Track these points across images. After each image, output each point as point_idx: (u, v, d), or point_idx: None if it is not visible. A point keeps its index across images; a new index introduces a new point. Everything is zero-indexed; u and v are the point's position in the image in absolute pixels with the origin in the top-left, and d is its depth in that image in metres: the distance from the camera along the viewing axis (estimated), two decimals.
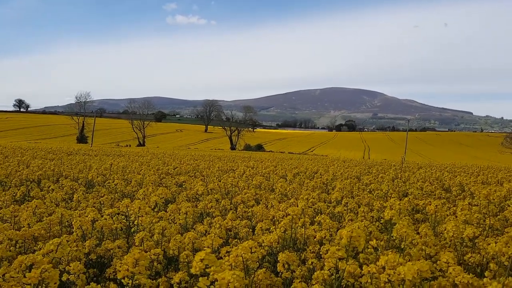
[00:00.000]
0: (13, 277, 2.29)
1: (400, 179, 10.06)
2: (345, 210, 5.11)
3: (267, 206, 5.94)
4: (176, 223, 4.65)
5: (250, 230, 4.35)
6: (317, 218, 3.99)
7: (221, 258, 2.75)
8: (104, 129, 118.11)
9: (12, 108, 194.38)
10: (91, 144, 67.25)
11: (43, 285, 1.73)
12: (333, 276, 2.42)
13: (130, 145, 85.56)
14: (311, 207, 5.50)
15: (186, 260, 3.38)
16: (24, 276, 2.44)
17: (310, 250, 3.46)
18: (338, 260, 2.49)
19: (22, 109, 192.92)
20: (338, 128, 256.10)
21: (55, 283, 1.79)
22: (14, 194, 6.24)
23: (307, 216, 4.65)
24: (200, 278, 1.81)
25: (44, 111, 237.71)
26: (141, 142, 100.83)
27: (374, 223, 4.44)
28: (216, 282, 1.96)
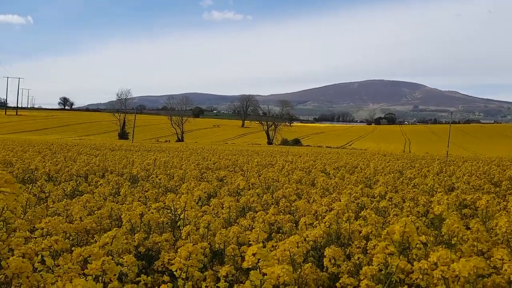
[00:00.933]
0: (71, 268, 2.40)
1: (445, 173, 9.77)
2: (389, 205, 5.01)
3: (309, 200, 5.91)
4: (219, 217, 4.71)
5: (294, 224, 4.34)
6: (362, 213, 3.95)
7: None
8: (144, 125, 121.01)
9: (57, 106, 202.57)
10: (132, 140, 69.05)
11: (103, 276, 1.81)
12: (382, 272, 2.38)
13: (169, 141, 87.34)
14: (354, 202, 5.44)
15: (232, 253, 3.43)
16: (82, 268, 2.56)
17: (356, 245, 3.42)
18: (387, 256, 2.45)
19: (66, 107, 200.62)
20: (377, 121, 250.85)
21: (114, 275, 1.86)
22: (65, 189, 6.51)
23: (350, 211, 4.60)
24: (252, 272, 1.83)
25: (87, 109, 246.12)
26: (180, 138, 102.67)
27: (420, 218, 4.34)
28: (265, 276, 1.98)
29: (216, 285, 2.99)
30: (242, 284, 3.03)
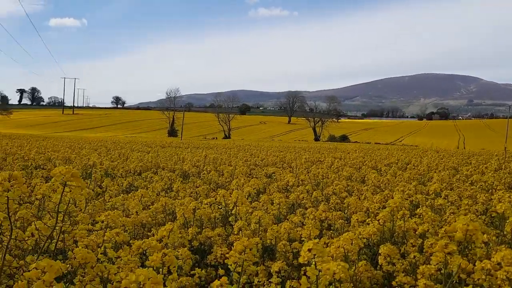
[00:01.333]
0: (130, 260, 2.50)
1: (504, 169, 9.28)
2: (445, 202, 4.83)
3: (359, 197, 5.81)
4: (269, 213, 4.73)
5: (345, 221, 4.29)
6: (418, 210, 3.83)
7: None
8: (192, 122, 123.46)
9: (110, 105, 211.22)
10: (181, 137, 70.76)
11: (163, 268, 1.86)
12: (442, 271, 2.30)
13: (216, 138, 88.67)
14: (407, 199, 5.28)
15: (284, 249, 3.44)
16: (141, 260, 2.66)
17: (411, 244, 3.32)
18: (446, 255, 2.36)
19: (119, 106, 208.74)
20: (429, 116, 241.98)
21: (174, 267, 1.92)
22: (120, 184, 6.78)
23: (404, 208, 4.47)
24: (308, 268, 1.82)
25: (138, 107, 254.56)
26: (227, 135, 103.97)
27: (480, 217, 4.15)
28: (320, 273, 1.96)
29: (269, 280, 3.02)
30: (294, 280, 3.05)
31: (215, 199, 4.56)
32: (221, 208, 4.61)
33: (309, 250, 1.79)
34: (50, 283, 1.37)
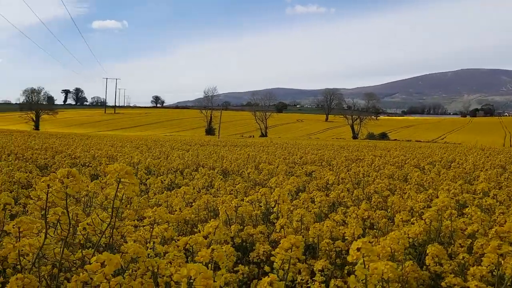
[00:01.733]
0: (177, 255, 2.56)
1: None
2: (494, 202, 4.66)
3: (402, 196, 5.69)
4: (310, 211, 4.71)
5: (389, 221, 4.21)
6: (466, 210, 3.71)
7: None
8: (229, 121, 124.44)
9: (150, 104, 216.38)
10: (218, 135, 71.49)
11: (212, 263, 1.90)
12: (494, 273, 2.22)
13: (253, 136, 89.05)
14: (453, 199, 5.12)
15: (327, 248, 3.42)
16: (186, 255, 2.72)
17: (460, 244, 3.22)
18: (499, 256, 2.29)
19: (158, 105, 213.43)
20: (473, 113, 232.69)
21: (222, 263, 1.95)
22: (163, 181, 6.94)
23: (450, 207, 4.34)
24: (357, 267, 1.81)
25: (176, 106, 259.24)
26: (263, 133, 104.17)
27: None
28: (368, 272, 1.94)
29: (312, 278, 3.01)
30: (338, 279, 3.03)
31: (258, 197, 4.59)
32: (260, 206, 4.65)
33: (358, 249, 1.77)
34: (109, 276, 1.44)
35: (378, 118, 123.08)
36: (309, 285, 3.04)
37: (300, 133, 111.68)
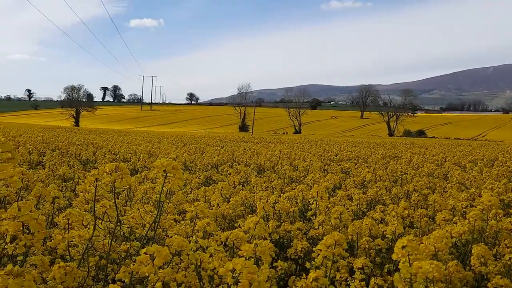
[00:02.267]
0: (217, 249, 2.60)
1: None
2: None
3: (442, 195, 5.55)
4: (348, 209, 4.67)
5: (430, 220, 4.12)
6: None
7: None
8: (262, 118, 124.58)
9: (184, 101, 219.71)
10: (252, 132, 71.67)
11: (254, 258, 1.92)
12: None
13: (286, 133, 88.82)
14: (497, 198, 4.95)
15: (366, 246, 3.38)
16: (226, 250, 2.75)
17: (506, 245, 3.11)
18: None
19: (193, 102, 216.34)
20: None
21: (265, 258, 1.97)
22: (199, 177, 7.04)
23: (494, 207, 4.20)
24: (401, 265, 1.78)
25: (210, 103, 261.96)
26: (297, 130, 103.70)
27: None
28: (413, 271, 1.91)
29: (352, 276, 2.98)
30: (379, 278, 2.99)
31: (294, 194, 4.59)
32: (298, 203, 4.65)
33: (403, 247, 1.74)
34: (159, 268, 1.48)
35: (415, 115, 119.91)
36: (348, 283, 3.02)
37: (334, 130, 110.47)
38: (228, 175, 7.29)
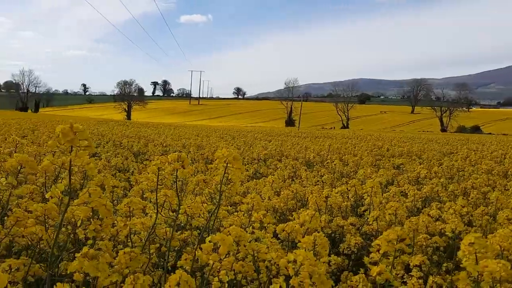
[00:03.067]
0: (272, 241, 2.61)
1: None
2: None
3: (503, 193, 5.28)
4: (402, 205, 4.55)
5: (491, 218, 3.94)
6: None
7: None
8: (309, 112, 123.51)
9: (231, 96, 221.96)
10: (298, 127, 71.33)
11: (314, 250, 1.91)
12: None
13: (334, 128, 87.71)
14: None
15: (423, 243, 3.28)
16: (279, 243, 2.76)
17: None
18: None
19: (239, 96, 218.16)
20: None
21: (325, 250, 1.96)
22: (247, 170, 7.09)
23: None
24: (467, 263, 1.71)
25: (257, 97, 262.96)
26: (345, 125, 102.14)
27: None
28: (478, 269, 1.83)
29: (409, 273, 2.91)
30: (437, 276, 2.90)
31: (346, 188, 4.52)
32: (349, 198, 4.58)
33: (471, 244, 1.67)
34: (224, 255, 1.51)
35: (470, 110, 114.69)
36: (404, 280, 2.95)
37: (383, 125, 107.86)
38: (277, 169, 7.30)
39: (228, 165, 1.88)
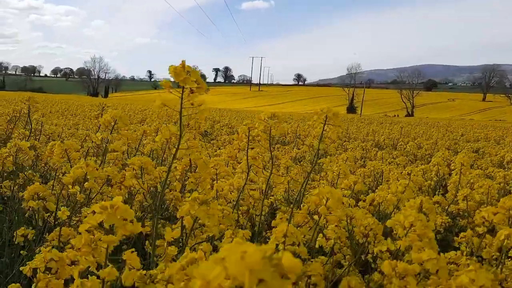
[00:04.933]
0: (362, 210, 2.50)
1: None
2: None
3: None
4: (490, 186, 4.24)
5: None
6: None
7: None
8: (371, 99, 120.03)
9: (292, 82, 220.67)
10: (360, 113, 69.67)
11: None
12: None
13: (397, 115, 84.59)
14: None
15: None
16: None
17: None
18: None
19: (300, 83, 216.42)
20: None
21: (432, 215, 1.82)
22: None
23: None
24: None
25: (317, 84, 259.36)
26: (409, 112, 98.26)
27: None
28: None
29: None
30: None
31: (429, 168, 4.29)
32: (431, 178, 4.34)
33: None
34: (334, 209, 1.44)
35: None
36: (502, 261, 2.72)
37: (451, 113, 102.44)
38: (346, 150, 7.11)
39: (327, 121, 1.78)
